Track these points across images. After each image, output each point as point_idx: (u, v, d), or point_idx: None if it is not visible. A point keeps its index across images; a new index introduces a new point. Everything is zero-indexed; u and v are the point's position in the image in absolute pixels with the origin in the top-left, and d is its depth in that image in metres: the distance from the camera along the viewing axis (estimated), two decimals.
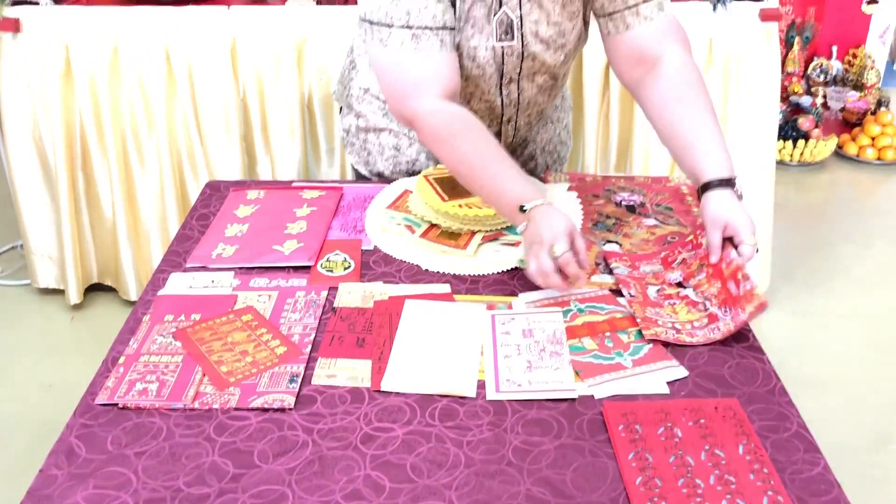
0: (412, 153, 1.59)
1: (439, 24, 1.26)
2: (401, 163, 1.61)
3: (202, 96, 2.40)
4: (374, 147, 1.62)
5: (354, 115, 1.63)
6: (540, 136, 1.66)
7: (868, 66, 4.06)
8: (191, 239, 1.43)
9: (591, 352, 1.12)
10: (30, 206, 2.58)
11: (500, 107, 1.47)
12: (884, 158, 3.76)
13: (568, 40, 1.40)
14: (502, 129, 1.52)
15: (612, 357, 1.11)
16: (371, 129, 1.61)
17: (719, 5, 2.34)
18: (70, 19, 2.34)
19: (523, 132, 1.59)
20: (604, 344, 1.14)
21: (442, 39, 1.27)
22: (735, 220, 1.20)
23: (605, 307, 1.21)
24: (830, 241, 3.14)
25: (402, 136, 1.59)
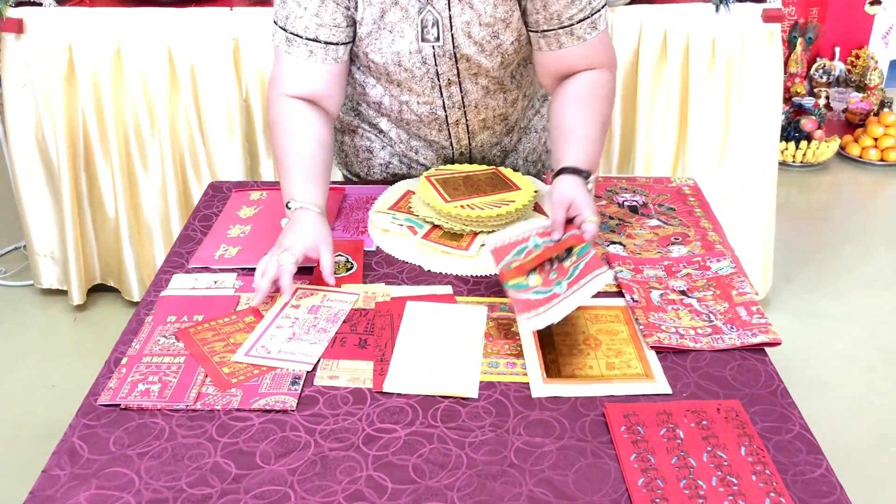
0: (384, 156, 1.60)
1: (311, 35, 1.35)
2: (374, 166, 1.62)
3: (205, 97, 2.41)
4: (350, 149, 1.64)
5: None
6: (522, 145, 1.64)
7: (871, 66, 4.06)
8: (193, 240, 1.43)
9: (533, 288, 1.15)
10: (33, 207, 2.59)
11: (444, 108, 1.46)
12: (887, 159, 3.76)
13: (503, 42, 1.37)
14: (451, 131, 1.51)
15: (551, 289, 1.14)
16: (345, 129, 1.63)
17: (722, 6, 2.34)
18: (73, 20, 2.35)
19: (487, 138, 1.55)
20: (548, 278, 1.16)
21: (311, 50, 1.36)
22: (579, 200, 1.25)
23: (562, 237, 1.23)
24: (833, 243, 3.13)
25: (374, 140, 1.60)
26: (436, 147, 1.56)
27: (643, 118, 2.45)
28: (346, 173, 1.70)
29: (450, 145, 1.54)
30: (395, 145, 1.59)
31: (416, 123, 1.50)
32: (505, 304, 1.23)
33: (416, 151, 1.57)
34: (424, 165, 1.59)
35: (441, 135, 1.51)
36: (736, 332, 1.15)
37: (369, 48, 1.38)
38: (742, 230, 2.53)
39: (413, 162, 1.60)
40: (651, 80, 2.42)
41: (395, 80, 1.42)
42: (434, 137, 1.53)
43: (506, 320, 1.20)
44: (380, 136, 1.59)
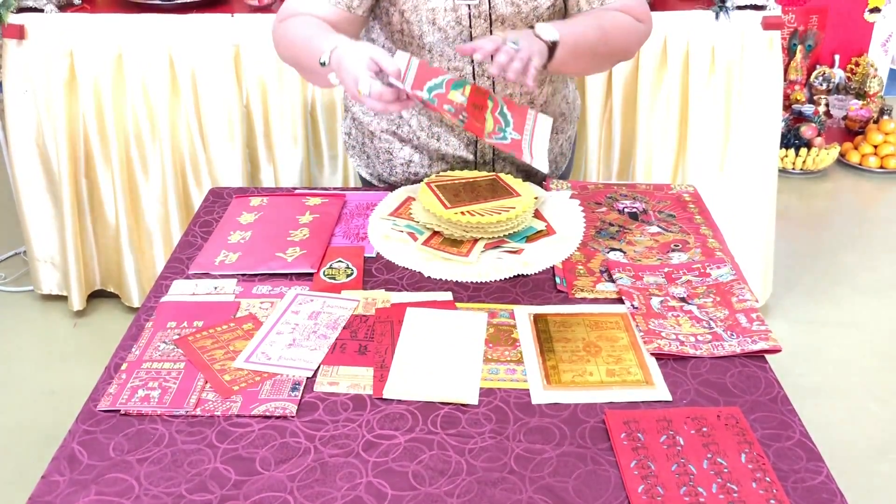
0: (405, 155, 1.59)
1: None
2: (395, 165, 1.61)
3: (205, 103, 2.41)
4: (371, 150, 1.63)
5: (351, 117, 1.66)
6: None
7: (871, 74, 4.07)
8: (194, 246, 1.43)
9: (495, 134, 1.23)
10: (33, 213, 2.59)
11: (473, 76, 1.45)
12: (886, 167, 3.76)
13: (541, 5, 1.38)
14: None
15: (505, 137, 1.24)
16: (365, 131, 1.62)
17: (722, 14, 2.34)
18: (74, 26, 2.35)
19: None
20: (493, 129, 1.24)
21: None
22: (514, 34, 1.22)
23: None
24: (833, 249, 3.13)
25: (393, 141, 1.59)
26: (458, 130, 1.52)
27: (643, 125, 2.46)
28: (367, 175, 1.68)
29: None
30: (415, 136, 1.56)
31: None
32: (506, 310, 1.23)
33: (438, 138, 1.54)
34: (444, 160, 1.57)
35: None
36: (736, 339, 1.15)
37: (405, 5, 1.37)
38: (742, 237, 2.53)
39: (434, 154, 1.57)
40: (651, 86, 2.42)
41: (426, 45, 1.41)
42: None
43: (506, 326, 1.20)
44: (399, 130, 1.57)
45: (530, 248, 1.36)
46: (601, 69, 1.46)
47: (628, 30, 1.41)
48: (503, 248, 1.36)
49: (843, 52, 4.16)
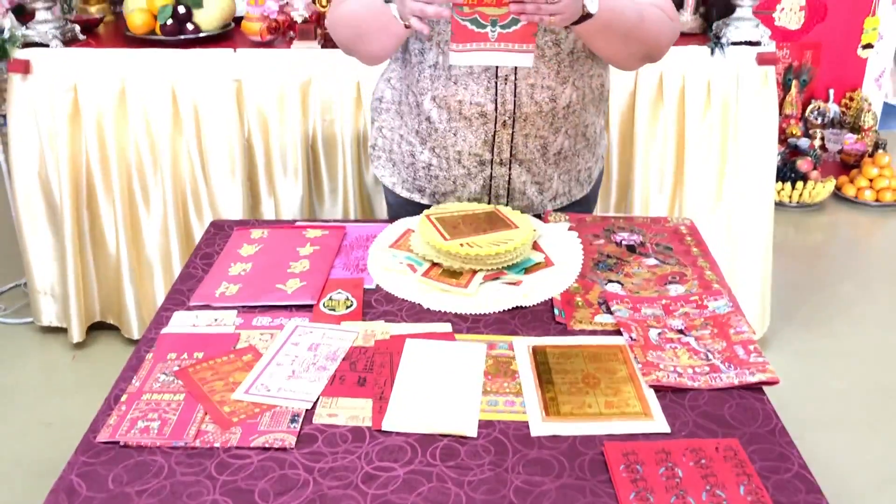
0: (425, 158, 1.61)
1: None
2: (418, 169, 1.63)
3: (207, 136, 2.44)
4: (397, 156, 1.67)
5: (377, 127, 1.70)
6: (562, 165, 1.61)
7: (865, 108, 4.11)
8: (195, 277, 1.44)
9: (473, 15, 1.22)
10: (34, 244, 2.60)
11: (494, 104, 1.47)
12: (882, 200, 3.79)
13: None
14: (498, 88, 1.47)
15: (486, 26, 1.23)
16: (388, 137, 1.67)
17: (717, 50, 2.38)
18: (79, 61, 2.38)
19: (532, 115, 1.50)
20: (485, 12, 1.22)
21: None
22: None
23: None
24: (830, 282, 3.15)
25: (415, 143, 1.61)
26: (476, 125, 1.52)
27: (640, 159, 2.48)
28: (393, 185, 1.70)
29: (493, 111, 1.49)
30: (435, 132, 1.56)
31: (465, 78, 1.48)
32: (505, 342, 1.24)
33: (455, 133, 1.54)
34: (461, 161, 1.57)
35: (488, 95, 1.48)
36: (734, 370, 1.16)
37: (440, 36, 1.42)
38: (740, 270, 2.55)
39: (451, 153, 1.57)
40: (648, 121, 2.45)
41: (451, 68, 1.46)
42: (479, 99, 1.48)
43: (505, 358, 1.21)
44: (420, 127, 1.58)
45: (529, 279, 1.37)
46: (628, 59, 1.46)
47: (662, 22, 1.44)
48: (502, 279, 1.38)
49: (837, 86, 4.21)
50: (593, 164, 1.70)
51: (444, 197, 1.62)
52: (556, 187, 1.63)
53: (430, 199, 1.64)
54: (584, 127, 1.60)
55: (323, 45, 2.40)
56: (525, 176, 1.58)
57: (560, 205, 1.67)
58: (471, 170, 1.58)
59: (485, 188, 1.60)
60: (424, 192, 1.65)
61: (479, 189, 1.60)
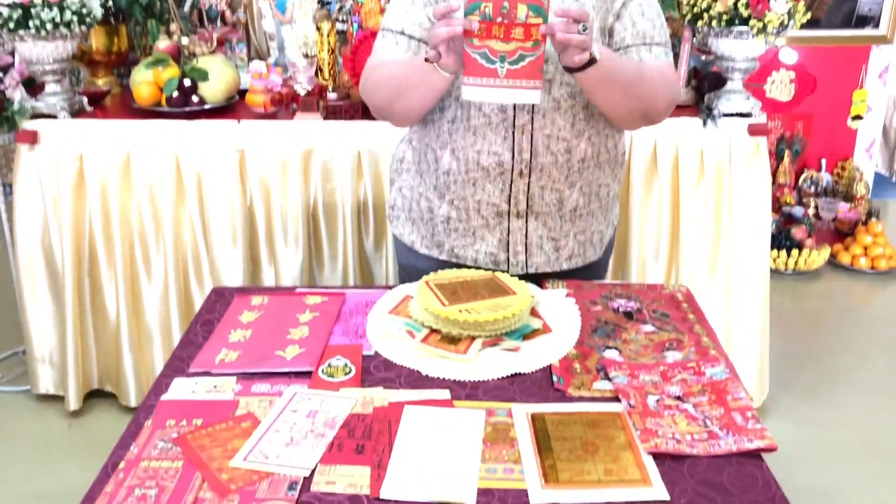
0: (444, 212, 1.65)
1: (398, 29, 1.56)
2: (437, 224, 1.67)
3: (210, 205, 2.47)
4: (416, 213, 1.71)
5: (397, 188, 1.76)
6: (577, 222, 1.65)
7: (857, 177, 4.18)
8: (195, 344, 1.44)
9: (484, 49, 1.29)
10: (35, 312, 2.61)
11: (513, 107, 1.51)
12: (877, 267, 3.82)
13: None
14: (515, 136, 1.52)
15: (494, 62, 1.29)
16: (408, 197, 1.71)
17: (709, 121, 2.44)
18: (85, 131, 2.43)
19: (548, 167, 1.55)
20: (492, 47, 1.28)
21: (397, 41, 1.56)
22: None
23: None
24: (829, 350, 3.15)
25: (433, 199, 1.65)
26: (494, 175, 1.56)
27: (636, 227, 2.51)
28: (412, 243, 1.74)
29: (510, 161, 1.54)
30: (454, 184, 1.60)
31: (483, 129, 1.53)
32: (503, 409, 1.24)
33: (474, 183, 1.58)
34: (479, 212, 1.61)
35: (505, 144, 1.53)
36: (732, 437, 1.16)
37: (458, 90, 1.47)
38: (737, 338, 2.55)
39: (472, 205, 1.60)
40: (643, 190, 2.49)
41: (472, 127, 1.54)
42: (497, 148, 1.54)
43: (504, 425, 1.21)
44: (440, 182, 1.63)
45: (527, 346, 1.38)
46: (628, 115, 1.50)
47: (661, 81, 1.50)
48: (501, 346, 1.38)
49: (829, 156, 4.29)
50: (605, 227, 1.74)
51: (463, 250, 1.66)
52: (572, 246, 1.67)
53: (448, 254, 1.68)
54: (598, 186, 1.64)
55: (325, 116, 2.45)
56: (541, 230, 1.62)
57: (575, 265, 1.69)
58: (489, 221, 1.61)
59: (502, 242, 1.63)
60: (443, 247, 1.68)
61: (497, 243, 1.63)
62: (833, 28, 4.11)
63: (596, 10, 1.52)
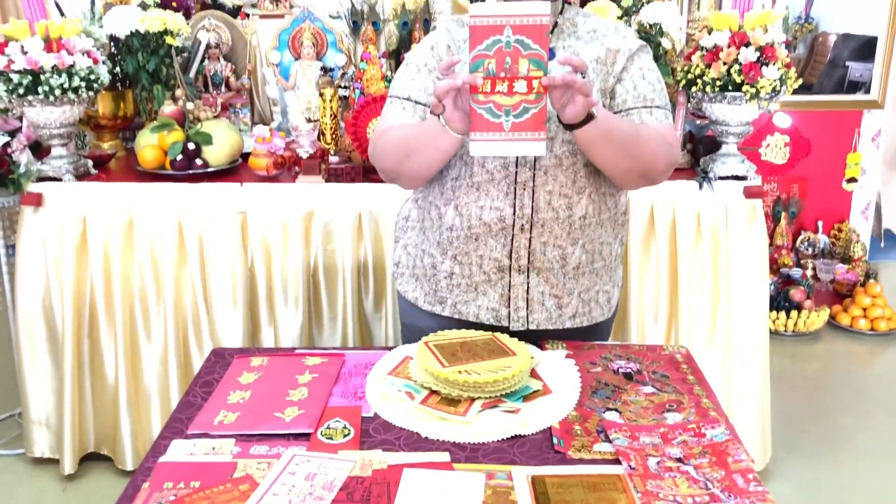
0: (446, 268, 1.66)
1: (405, 95, 1.62)
2: (440, 280, 1.68)
3: (211, 266, 2.49)
4: (420, 270, 1.72)
5: (402, 245, 1.78)
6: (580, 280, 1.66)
7: (853, 239, 4.21)
8: (194, 405, 1.44)
9: (488, 104, 1.32)
10: (32, 373, 2.60)
11: (516, 164, 1.54)
12: (877, 329, 3.82)
13: None
14: (517, 192, 1.55)
15: (500, 116, 1.32)
16: (412, 254, 1.74)
17: (705, 184, 2.47)
18: (89, 194, 2.47)
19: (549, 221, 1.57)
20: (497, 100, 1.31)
21: (404, 107, 1.61)
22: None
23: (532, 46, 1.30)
24: (831, 412, 3.12)
25: (436, 255, 1.67)
26: (495, 230, 1.58)
27: (635, 289, 2.53)
28: (415, 299, 1.75)
29: (511, 216, 1.57)
30: (457, 239, 1.62)
31: (486, 185, 1.57)
32: (503, 471, 1.23)
33: (477, 238, 1.60)
34: (482, 267, 1.62)
35: (507, 200, 1.56)
36: (734, 500, 1.15)
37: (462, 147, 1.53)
38: (738, 400, 2.54)
39: (475, 260, 1.62)
40: (641, 252, 2.51)
41: (475, 184, 1.57)
42: (499, 203, 1.56)
43: (504, 488, 1.20)
44: (443, 238, 1.65)
45: (527, 407, 1.38)
46: (626, 174, 1.51)
47: (659, 142, 1.52)
48: (500, 407, 1.38)
49: (825, 218, 4.33)
50: (611, 287, 1.75)
51: (465, 306, 1.66)
52: (576, 305, 1.67)
53: (451, 309, 1.68)
54: (601, 245, 1.66)
55: (327, 179, 2.49)
56: (543, 286, 1.62)
57: (580, 324, 1.69)
58: (491, 276, 1.62)
59: (503, 297, 1.63)
60: (446, 303, 1.69)
61: (498, 298, 1.64)
62: (825, 93, 4.20)
63: (596, 73, 1.56)
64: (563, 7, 1.63)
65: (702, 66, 2.39)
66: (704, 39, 2.41)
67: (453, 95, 1.35)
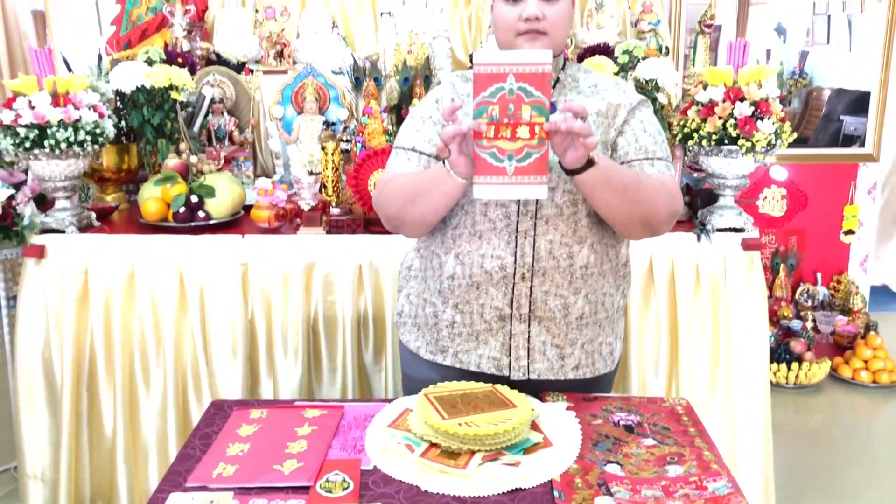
0: (448, 317, 1.67)
1: (409, 146, 1.65)
2: (441, 329, 1.69)
3: (211, 317, 2.49)
4: (421, 320, 1.73)
5: (405, 294, 1.79)
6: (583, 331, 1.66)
7: (852, 291, 4.22)
8: (192, 458, 1.43)
9: (492, 149, 1.34)
10: (30, 426, 2.58)
11: (517, 213, 1.56)
12: (879, 381, 3.80)
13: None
14: (518, 241, 1.57)
15: (503, 161, 1.34)
16: (414, 303, 1.75)
17: (703, 236, 2.49)
18: (92, 246, 2.48)
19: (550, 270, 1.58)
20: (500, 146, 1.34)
21: (409, 157, 1.65)
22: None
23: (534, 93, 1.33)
24: (835, 466, 3.09)
25: (437, 304, 1.68)
26: (497, 278, 1.59)
27: (635, 342, 2.52)
28: (417, 349, 1.75)
29: (512, 264, 1.58)
30: (458, 288, 1.63)
31: (488, 233, 1.58)
32: None
33: (478, 287, 1.61)
34: (483, 316, 1.63)
35: (508, 248, 1.57)
36: None
37: (464, 197, 1.57)
38: (740, 452, 2.52)
39: (476, 308, 1.63)
40: (640, 304, 2.52)
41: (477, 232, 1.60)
42: (500, 252, 1.58)
43: None
44: (444, 287, 1.66)
45: (528, 460, 1.37)
46: (628, 222, 1.52)
47: (661, 191, 1.53)
48: (501, 460, 1.37)
49: (823, 270, 4.35)
50: (614, 339, 1.75)
51: (466, 355, 1.66)
52: (579, 356, 1.66)
53: (452, 359, 1.68)
54: (604, 295, 1.67)
55: (328, 230, 2.51)
56: (544, 336, 1.62)
57: (583, 376, 1.68)
58: (492, 325, 1.63)
59: (504, 346, 1.63)
60: (447, 352, 1.69)
61: (500, 347, 1.64)
62: (821, 147, 4.25)
63: (597, 125, 1.59)
64: (565, 63, 1.66)
65: (698, 121, 2.43)
66: (700, 94, 2.45)
67: (458, 140, 1.38)
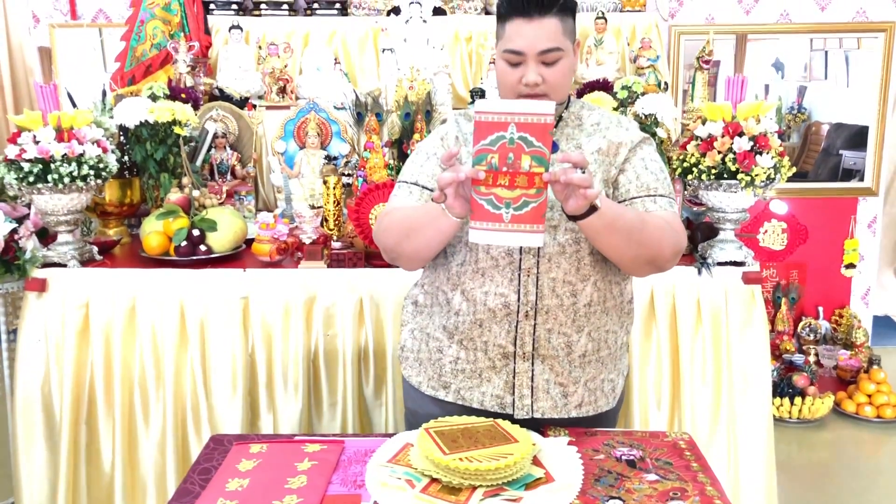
0: (452, 353, 1.67)
1: (412, 180, 1.67)
2: (445, 364, 1.68)
3: (212, 352, 2.48)
4: (424, 355, 1.73)
5: (409, 329, 1.79)
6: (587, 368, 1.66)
7: (855, 325, 4.21)
8: (191, 493, 1.42)
9: (490, 196, 1.35)
10: (28, 461, 2.56)
11: (519, 251, 1.56)
12: (883, 416, 3.77)
13: None
14: (521, 279, 1.57)
15: (500, 208, 1.34)
16: (418, 338, 1.75)
17: (704, 269, 2.49)
18: (93, 280, 2.48)
19: (554, 308, 1.58)
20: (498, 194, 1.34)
21: (411, 191, 1.66)
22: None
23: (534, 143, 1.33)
24: (840, 501, 3.05)
25: (442, 339, 1.68)
26: (500, 316, 1.60)
27: (636, 377, 2.51)
28: (418, 384, 1.75)
29: (516, 302, 1.58)
30: (462, 324, 1.63)
31: (491, 271, 1.59)
32: None
33: (481, 324, 1.61)
34: (487, 352, 1.63)
35: (511, 286, 1.57)
36: None
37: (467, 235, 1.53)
38: (744, 489, 2.49)
39: (480, 345, 1.63)
40: (642, 337, 2.51)
41: (480, 269, 1.60)
42: (503, 290, 1.58)
43: None
44: (449, 323, 1.66)
45: (530, 495, 1.36)
46: (634, 261, 1.52)
47: (665, 229, 1.53)
48: (502, 495, 1.36)
49: (825, 304, 4.34)
50: (616, 376, 1.74)
51: (469, 392, 1.66)
52: (582, 394, 1.66)
53: (454, 395, 1.68)
54: (606, 333, 1.67)
55: (329, 264, 2.51)
56: (548, 374, 1.62)
57: (585, 414, 1.68)
58: (495, 363, 1.62)
59: (507, 384, 1.63)
60: (449, 388, 1.68)
61: (503, 385, 1.63)
62: (821, 181, 4.28)
63: (598, 164, 1.60)
64: (569, 101, 1.68)
65: (697, 155, 2.44)
66: (699, 129, 2.47)
67: (455, 186, 1.39)
